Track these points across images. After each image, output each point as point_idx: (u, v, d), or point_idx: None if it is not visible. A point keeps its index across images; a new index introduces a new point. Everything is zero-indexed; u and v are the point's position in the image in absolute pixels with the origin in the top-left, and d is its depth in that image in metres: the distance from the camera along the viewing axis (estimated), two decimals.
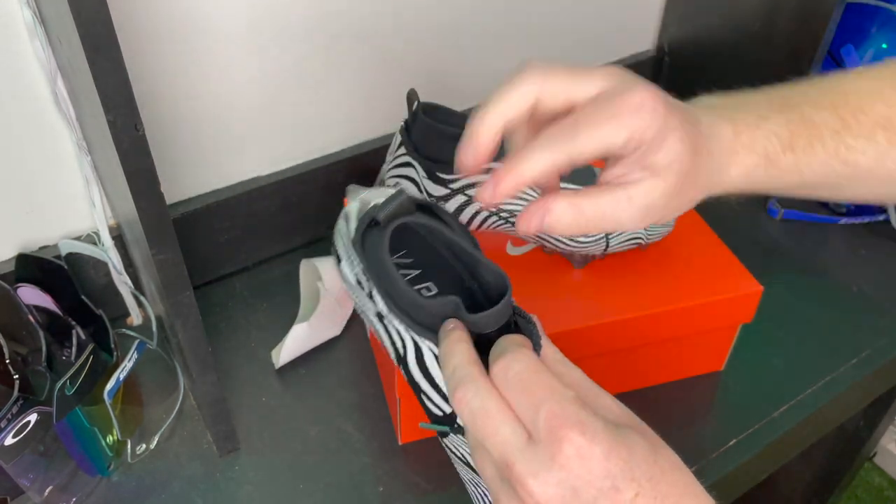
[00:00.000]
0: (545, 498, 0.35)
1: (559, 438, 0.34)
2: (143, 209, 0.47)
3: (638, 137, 0.40)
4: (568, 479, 0.34)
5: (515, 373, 0.37)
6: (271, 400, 0.70)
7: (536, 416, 0.35)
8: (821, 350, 0.76)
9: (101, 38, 0.40)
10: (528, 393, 0.36)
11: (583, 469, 0.34)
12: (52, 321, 0.66)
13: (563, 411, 0.35)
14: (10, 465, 0.55)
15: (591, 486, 0.34)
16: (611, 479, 0.34)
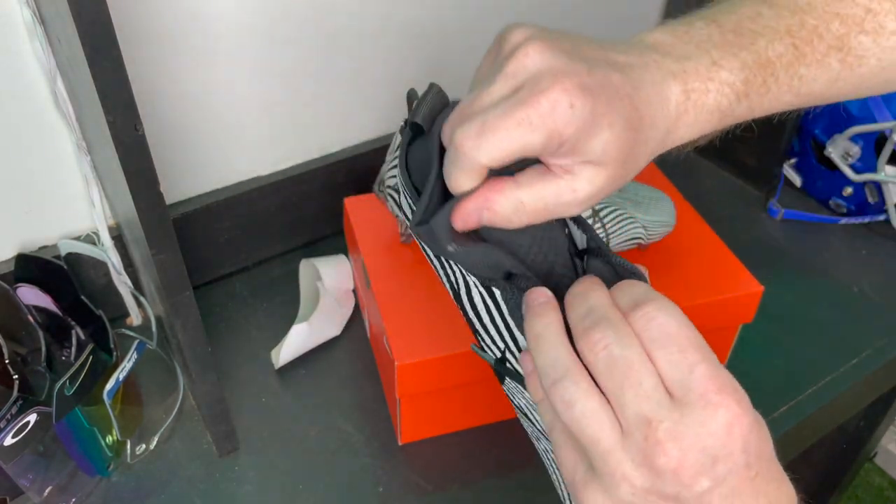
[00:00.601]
0: (684, 463, 0.32)
1: (715, 403, 0.32)
2: (143, 209, 0.47)
3: (557, 139, 0.36)
4: (713, 448, 0.32)
5: (660, 324, 0.34)
6: (271, 400, 0.70)
7: (689, 377, 0.33)
8: (821, 350, 0.76)
9: (100, 38, 0.40)
10: (680, 349, 0.33)
11: (730, 440, 0.32)
12: (51, 321, 0.66)
13: (719, 375, 0.33)
14: (9, 465, 0.55)
15: (729, 460, 0.33)
16: (747, 454, 0.33)
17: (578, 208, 0.39)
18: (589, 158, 0.37)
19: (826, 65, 0.42)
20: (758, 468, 0.33)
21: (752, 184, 0.96)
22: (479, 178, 0.38)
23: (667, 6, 1.01)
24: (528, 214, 0.38)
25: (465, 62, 0.87)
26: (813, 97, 0.43)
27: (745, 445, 0.33)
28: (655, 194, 0.71)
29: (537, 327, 0.37)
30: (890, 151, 0.83)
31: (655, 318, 0.34)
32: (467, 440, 0.67)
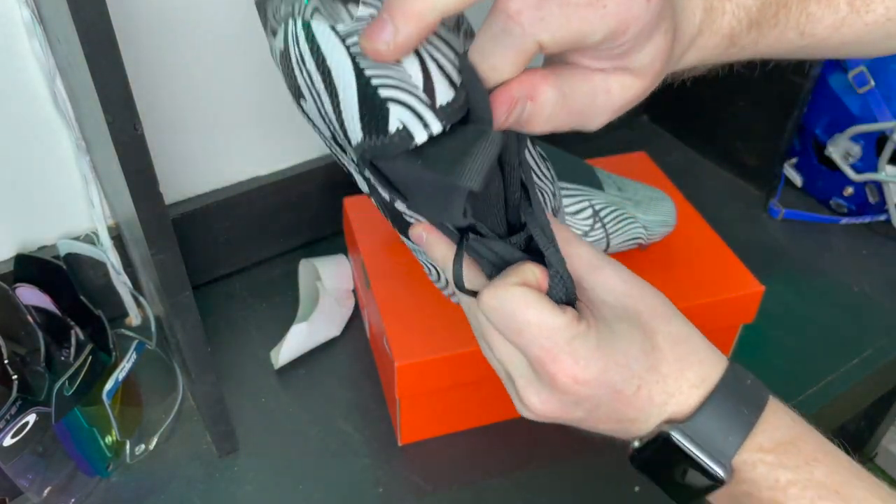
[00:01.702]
0: (546, 411, 0.38)
1: (552, 373, 0.37)
2: (142, 209, 0.47)
3: (622, 34, 0.31)
4: (568, 400, 0.38)
5: (495, 309, 0.37)
6: (270, 400, 0.70)
7: (528, 355, 0.37)
8: (821, 350, 0.76)
9: (99, 37, 0.40)
10: (517, 333, 0.37)
11: (582, 389, 0.37)
12: (50, 321, 0.66)
13: (553, 345, 0.36)
14: (8, 465, 0.55)
15: (591, 399, 0.37)
16: (610, 386, 0.37)
17: (607, 116, 0.36)
18: (633, 66, 0.34)
19: (835, 5, 0.42)
20: (637, 383, 0.37)
21: (753, 184, 0.96)
22: (524, 64, 0.32)
23: None
24: (566, 114, 0.34)
25: None
26: (815, 40, 0.43)
27: (605, 383, 0.37)
28: (656, 194, 0.71)
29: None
30: (891, 151, 0.83)
31: (491, 306, 0.37)
32: (467, 440, 0.67)
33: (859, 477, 0.38)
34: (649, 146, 0.90)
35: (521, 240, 0.40)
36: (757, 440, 0.38)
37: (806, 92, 0.85)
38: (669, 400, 0.38)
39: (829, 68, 0.86)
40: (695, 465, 0.37)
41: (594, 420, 0.39)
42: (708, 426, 0.37)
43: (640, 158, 0.83)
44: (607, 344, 0.37)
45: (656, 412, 0.38)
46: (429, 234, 0.42)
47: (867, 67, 0.83)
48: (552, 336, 0.36)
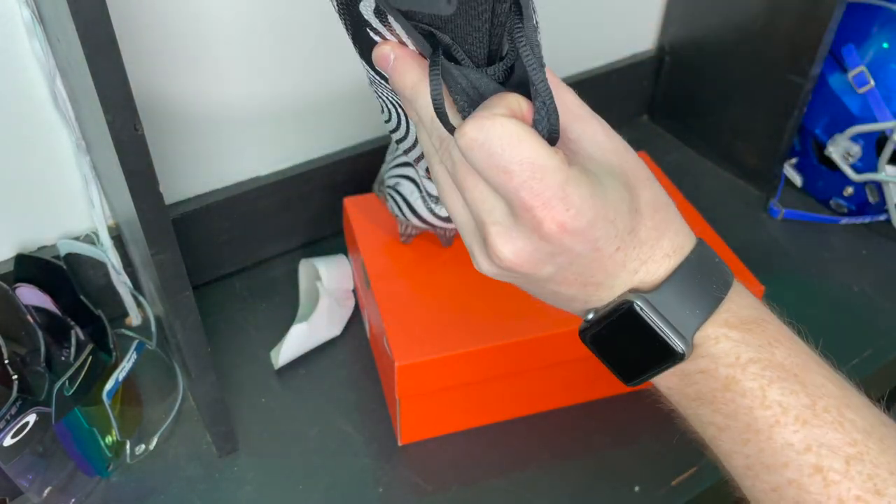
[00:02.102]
0: (520, 260, 0.35)
1: (539, 219, 0.33)
2: (142, 209, 0.47)
3: None
4: (546, 248, 0.34)
5: (479, 144, 0.33)
6: (271, 400, 0.70)
7: (513, 198, 0.33)
8: (822, 350, 0.75)
9: (100, 37, 0.40)
10: (503, 172, 0.33)
11: (567, 240, 0.34)
12: (50, 321, 0.66)
13: (544, 189, 0.33)
14: (9, 465, 0.55)
15: (570, 253, 0.35)
16: (593, 241, 0.34)
17: None
18: None
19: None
20: (617, 244, 0.35)
21: (753, 184, 0.96)
22: None
23: (666, 7, 1.01)
24: None
25: None
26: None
27: (589, 238, 0.34)
28: None
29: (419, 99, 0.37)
30: (891, 151, 0.82)
31: (477, 145, 0.33)
32: (467, 440, 0.67)
33: (818, 363, 0.39)
34: (649, 146, 0.90)
35: (500, 71, 0.36)
36: (722, 316, 0.37)
37: (806, 92, 0.85)
38: (640, 268, 0.36)
39: (829, 68, 0.86)
40: (654, 339, 0.36)
41: (559, 279, 0.36)
42: (674, 298, 0.36)
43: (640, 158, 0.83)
44: (600, 195, 0.34)
45: (624, 278, 0.36)
46: (397, 53, 0.37)
47: (867, 67, 0.83)
48: (545, 178, 0.32)
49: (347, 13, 0.37)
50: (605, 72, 0.99)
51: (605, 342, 0.39)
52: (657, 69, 1.04)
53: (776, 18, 0.86)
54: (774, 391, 0.36)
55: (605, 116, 0.38)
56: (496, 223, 0.35)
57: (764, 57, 0.89)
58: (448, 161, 0.37)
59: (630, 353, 0.38)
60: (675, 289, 0.36)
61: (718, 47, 0.95)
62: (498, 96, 0.34)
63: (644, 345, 0.37)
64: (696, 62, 0.99)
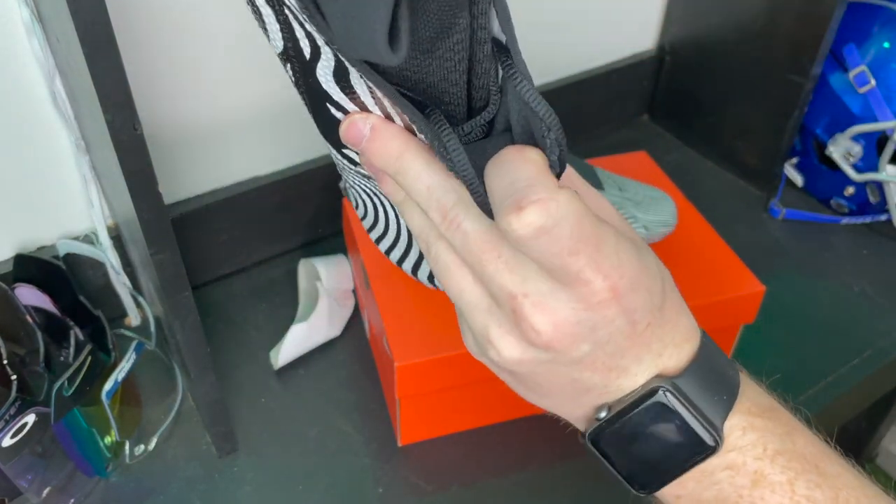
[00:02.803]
0: (558, 336, 0.30)
1: (588, 280, 0.29)
2: (142, 209, 0.47)
3: None
4: (590, 320, 0.30)
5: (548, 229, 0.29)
6: (270, 401, 0.70)
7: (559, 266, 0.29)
8: (822, 350, 0.76)
9: (99, 37, 0.39)
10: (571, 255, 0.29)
11: (609, 310, 0.30)
12: (49, 321, 0.66)
13: (603, 257, 0.30)
14: (8, 465, 0.55)
15: (611, 325, 0.31)
16: (631, 313, 0.31)
17: None
18: None
19: None
20: (648, 320, 0.32)
21: (754, 184, 0.96)
22: None
23: (667, 7, 1.01)
24: None
25: None
26: None
27: (626, 309, 0.31)
28: (656, 194, 0.71)
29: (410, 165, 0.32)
30: (891, 151, 0.82)
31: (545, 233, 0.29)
32: (467, 441, 0.67)
33: (831, 452, 0.36)
34: (650, 146, 0.90)
35: (479, 126, 0.32)
36: (745, 404, 0.34)
37: (806, 92, 0.85)
38: (664, 351, 0.33)
39: (829, 68, 0.86)
40: (682, 432, 0.32)
41: (589, 361, 0.32)
42: (700, 384, 0.33)
43: (641, 158, 0.83)
44: (642, 260, 0.31)
45: (648, 363, 0.33)
46: (372, 122, 0.32)
47: (868, 67, 0.83)
48: (603, 247, 0.29)
49: (304, 85, 0.33)
50: (605, 72, 0.99)
51: (621, 443, 0.34)
52: (657, 69, 1.04)
53: (777, 18, 0.86)
54: (801, 485, 0.33)
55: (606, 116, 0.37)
56: (531, 293, 0.30)
57: (765, 56, 0.89)
58: (457, 235, 0.32)
59: (649, 454, 0.33)
60: (699, 374, 0.33)
61: (719, 47, 0.95)
62: (517, 153, 0.30)
63: (668, 441, 0.33)
64: (696, 62, 0.99)
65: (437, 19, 0.28)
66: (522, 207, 0.28)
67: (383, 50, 0.25)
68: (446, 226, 0.32)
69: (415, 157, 0.32)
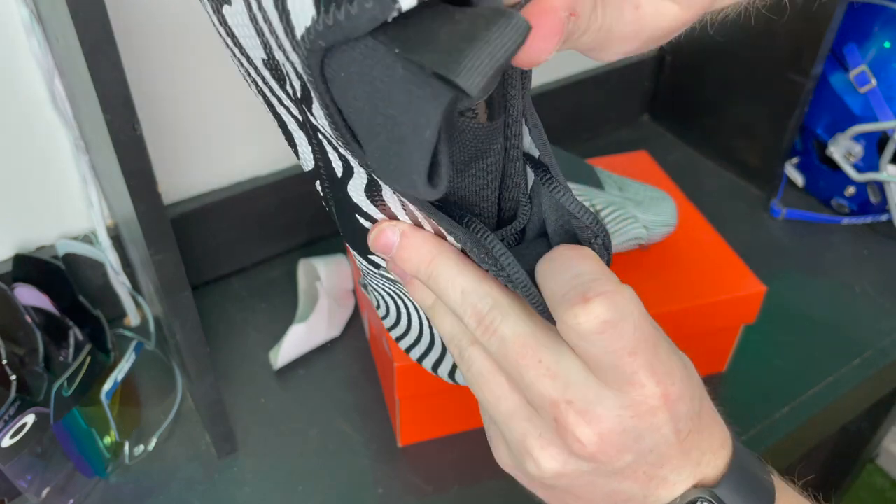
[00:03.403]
0: (603, 446, 0.30)
1: (643, 390, 0.29)
2: (141, 209, 0.47)
3: None
4: (636, 429, 0.30)
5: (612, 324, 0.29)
6: (270, 401, 0.70)
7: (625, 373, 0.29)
8: (823, 351, 0.76)
9: (98, 37, 0.39)
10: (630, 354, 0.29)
11: (656, 418, 0.29)
12: (49, 322, 0.66)
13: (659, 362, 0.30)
14: (7, 466, 0.55)
15: (657, 433, 0.30)
16: (676, 421, 0.30)
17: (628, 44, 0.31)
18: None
19: None
20: (690, 427, 0.31)
21: (754, 184, 0.96)
22: None
23: None
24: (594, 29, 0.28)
25: None
26: None
27: (673, 416, 0.30)
28: (657, 194, 0.71)
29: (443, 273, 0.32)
30: (892, 151, 0.82)
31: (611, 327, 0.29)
32: (467, 442, 0.67)
33: None
34: (650, 145, 0.90)
35: (514, 232, 0.32)
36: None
37: (807, 91, 0.85)
38: (702, 459, 0.32)
39: (830, 67, 0.86)
40: None
41: (631, 472, 0.31)
42: (738, 492, 0.32)
43: (641, 158, 0.83)
44: (686, 367, 0.31)
45: (687, 472, 0.32)
46: (402, 229, 0.32)
47: (869, 67, 0.82)
48: (658, 351, 0.30)
49: (333, 199, 0.32)
50: (606, 72, 0.99)
51: None
52: (658, 69, 1.04)
53: (777, 18, 0.85)
54: None
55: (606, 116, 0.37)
56: (575, 400, 0.29)
57: (765, 56, 0.89)
58: (493, 340, 0.31)
59: None
60: (737, 482, 0.32)
61: (719, 47, 0.94)
62: (581, 257, 0.30)
63: None
64: (697, 62, 0.99)
65: (472, 147, 0.29)
66: (589, 299, 0.28)
67: (422, 187, 0.25)
68: (482, 331, 0.31)
69: (447, 262, 0.31)
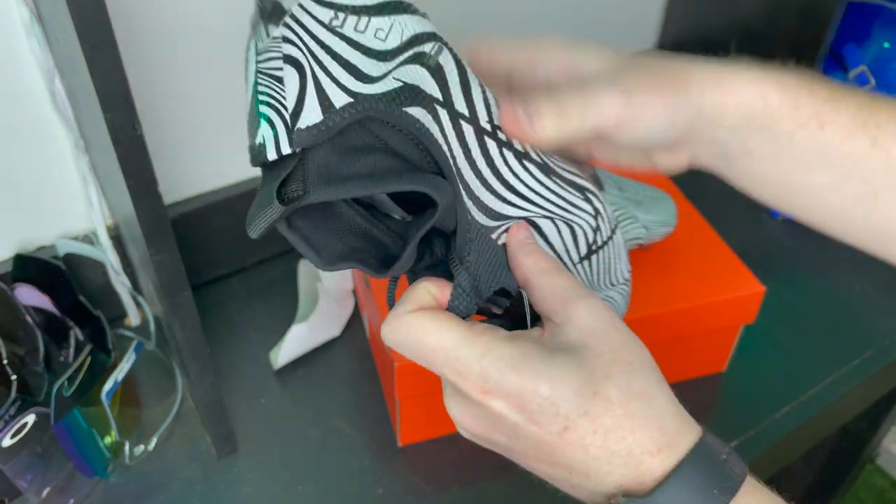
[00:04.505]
0: (468, 425, 0.38)
1: (465, 391, 0.36)
2: (141, 209, 0.47)
3: None
4: (483, 413, 0.36)
5: (398, 343, 0.38)
6: (270, 401, 0.70)
7: (443, 378, 0.37)
8: (823, 351, 0.76)
9: (98, 36, 0.39)
10: (427, 362, 0.37)
11: (493, 403, 0.34)
12: (49, 322, 0.66)
13: (462, 366, 0.35)
14: (7, 465, 0.55)
15: (506, 421, 0.35)
16: (527, 413, 0.34)
17: None
18: None
19: None
20: (563, 423, 0.33)
21: None
22: None
23: (667, 7, 1.01)
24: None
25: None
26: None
27: (514, 407, 0.34)
28: (656, 194, 0.71)
29: None
30: None
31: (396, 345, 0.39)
32: (467, 442, 0.67)
33: None
34: None
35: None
36: None
37: None
38: (614, 459, 0.33)
39: (829, 67, 0.86)
40: None
41: (521, 452, 0.37)
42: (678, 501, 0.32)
43: None
44: (529, 367, 0.34)
45: (603, 471, 0.33)
46: None
47: (868, 67, 0.82)
48: (459, 356, 0.35)
49: None
50: None
51: None
52: None
53: (777, 18, 0.86)
54: None
55: None
56: (446, 387, 0.38)
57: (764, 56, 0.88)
58: None
59: None
60: (673, 495, 0.32)
61: (719, 47, 0.94)
62: (409, 290, 0.38)
63: None
64: None
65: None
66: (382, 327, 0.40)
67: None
68: None
69: None
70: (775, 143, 0.38)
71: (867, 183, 0.37)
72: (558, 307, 0.36)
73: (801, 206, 0.40)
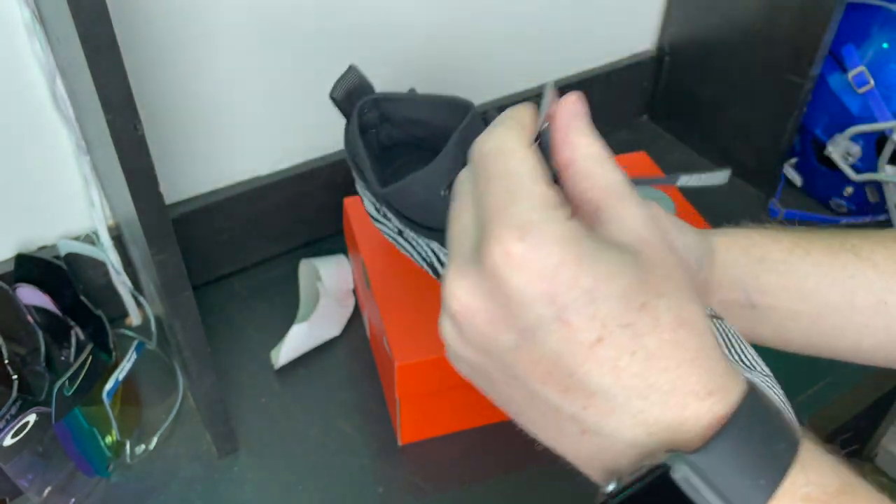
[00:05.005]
0: (466, 302, 0.28)
1: (487, 237, 0.27)
2: (142, 209, 0.47)
3: None
4: (494, 287, 0.27)
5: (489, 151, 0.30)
6: (270, 400, 0.70)
7: (483, 214, 0.28)
8: None
9: (100, 37, 0.40)
10: (494, 178, 0.29)
11: (514, 278, 0.26)
12: (50, 321, 0.66)
13: (506, 211, 0.27)
14: (8, 465, 0.55)
15: (528, 311, 0.26)
16: (555, 303, 0.26)
17: None
18: None
19: None
20: (599, 331, 0.26)
21: (753, 184, 0.96)
22: None
23: (667, 7, 1.01)
24: None
25: (464, 61, 0.87)
26: None
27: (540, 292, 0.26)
28: (655, 194, 0.71)
29: None
30: (891, 151, 0.82)
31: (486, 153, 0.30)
32: (467, 441, 0.67)
33: None
34: (650, 146, 0.90)
35: None
36: (801, 490, 0.26)
37: (806, 92, 0.85)
38: (650, 394, 0.26)
39: (828, 68, 0.86)
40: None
41: (525, 368, 0.28)
42: (730, 462, 0.25)
43: (641, 158, 0.83)
44: (578, 248, 0.26)
45: (634, 408, 0.27)
46: None
47: (867, 67, 0.83)
48: (521, 200, 0.27)
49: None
50: (605, 72, 0.99)
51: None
52: (657, 69, 1.04)
53: (776, 18, 0.86)
54: None
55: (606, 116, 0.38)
56: (459, 255, 0.28)
57: (764, 57, 0.89)
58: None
59: None
60: (730, 449, 0.26)
61: (719, 47, 0.95)
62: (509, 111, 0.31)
63: None
64: (696, 62, 0.99)
65: None
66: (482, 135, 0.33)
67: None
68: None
69: None
70: None
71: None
72: (613, 201, 0.29)
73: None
